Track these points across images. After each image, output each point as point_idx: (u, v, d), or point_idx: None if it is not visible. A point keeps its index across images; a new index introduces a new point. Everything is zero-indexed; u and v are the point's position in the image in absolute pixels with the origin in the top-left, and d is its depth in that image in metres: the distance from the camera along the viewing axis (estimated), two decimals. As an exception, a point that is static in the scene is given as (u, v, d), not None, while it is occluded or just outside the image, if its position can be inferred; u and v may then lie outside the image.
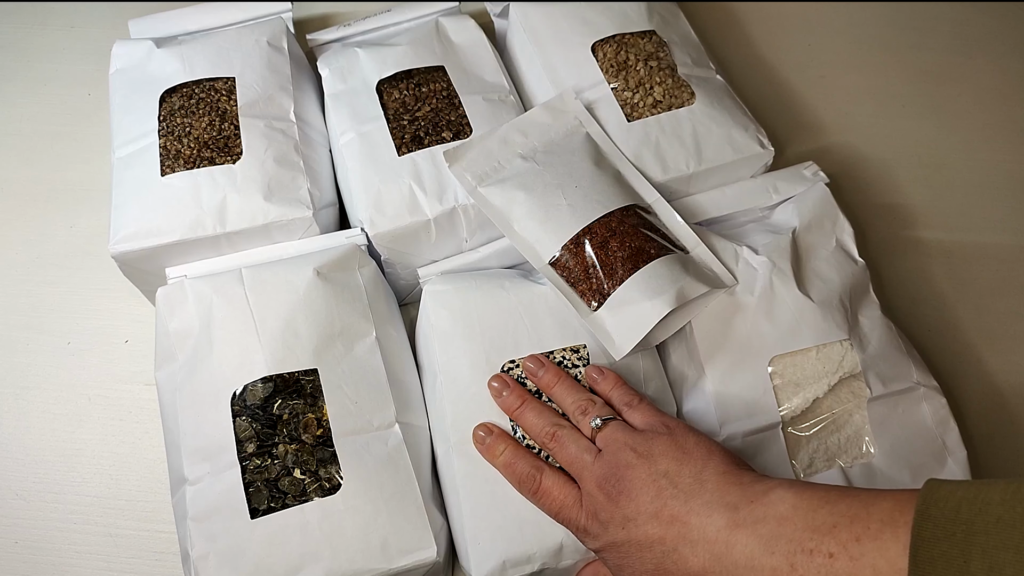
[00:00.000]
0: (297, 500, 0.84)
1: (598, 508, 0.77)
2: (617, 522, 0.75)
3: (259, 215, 0.99)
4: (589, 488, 0.79)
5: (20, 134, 1.32)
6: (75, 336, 1.13)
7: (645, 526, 0.73)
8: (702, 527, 0.70)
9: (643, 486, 0.75)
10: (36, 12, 1.45)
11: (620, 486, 0.76)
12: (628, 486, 0.76)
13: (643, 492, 0.75)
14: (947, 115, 1.32)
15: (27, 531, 1.00)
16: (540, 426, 0.86)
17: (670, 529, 0.72)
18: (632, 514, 0.74)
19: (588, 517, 0.78)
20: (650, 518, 0.73)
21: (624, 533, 0.74)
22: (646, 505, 0.74)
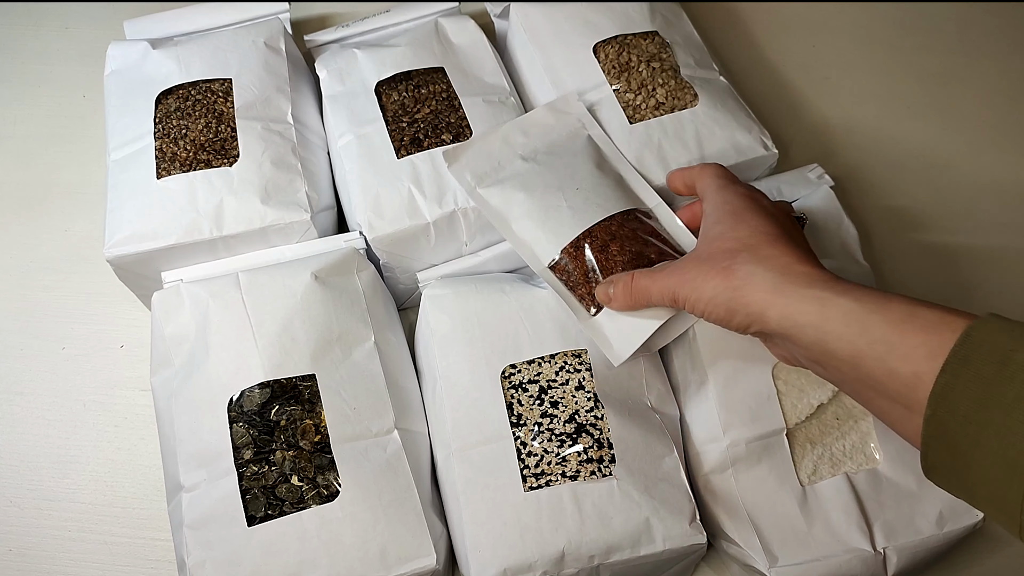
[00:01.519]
0: (295, 507, 0.84)
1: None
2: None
3: (256, 218, 0.99)
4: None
5: (14, 137, 1.32)
6: (70, 341, 1.13)
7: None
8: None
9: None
10: (30, 13, 1.45)
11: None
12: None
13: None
14: (953, 117, 1.32)
15: (21, 539, 1.00)
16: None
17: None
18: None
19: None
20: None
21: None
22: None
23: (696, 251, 0.83)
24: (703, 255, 0.81)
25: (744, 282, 0.75)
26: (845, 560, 0.85)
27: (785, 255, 0.75)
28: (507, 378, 0.91)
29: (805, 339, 0.70)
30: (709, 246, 0.81)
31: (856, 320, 0.67)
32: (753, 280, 0.74)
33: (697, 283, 0.78)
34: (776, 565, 0.85)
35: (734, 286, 0.75)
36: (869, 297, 0.68)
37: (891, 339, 0.65)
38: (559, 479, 0.86)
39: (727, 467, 0.89)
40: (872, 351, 0.66)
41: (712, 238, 0.82)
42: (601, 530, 0.84)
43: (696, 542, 0.85)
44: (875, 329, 0.66)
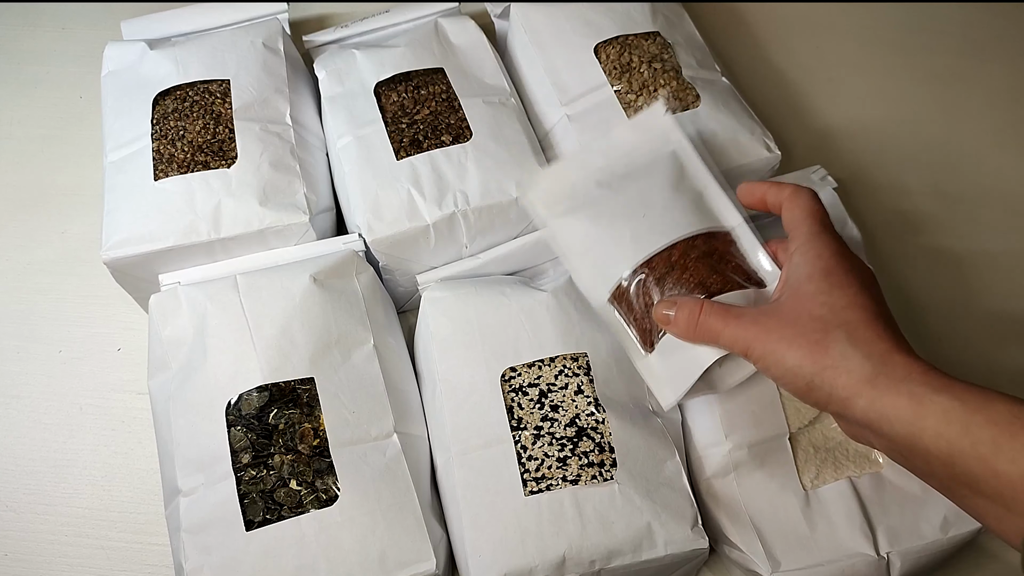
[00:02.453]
0: (293, 512, 0.84)
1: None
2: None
3: (254, 220, 0.99)
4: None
5: (10, 138, 1.32)
6: (66, 344, 1.13)
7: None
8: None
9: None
10: (26, 13, 1.45)
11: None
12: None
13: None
14: (959, 119, 1.32)
15: (17, 543, 1.00)
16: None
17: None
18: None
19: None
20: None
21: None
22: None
23: (782, 306, 0.78)
24: (790, 316, 0.75)
25: (836, 363, 0.70)
26: (848, 565, 0.85)
27: (883, 340, 0.71)
28: (507, 381, 0.91)
29: (892, 432, 0.67)
30: (798, 305, 0.76)
31: (957, 420, 0.64)
32: (847, 364, 0.70)
33: (780, 347, 0.74)
34: (779, 570, 0.85)
35: (824, 365, 0.71)
36: (970, 395, 0.65)
37: (998, 440, 0.62)
38: (560, 483, 0.86)
39: (729, 471, 0.89)
40: (975, 451, 0.63)
41: (802, 296, 0.76)
42: (602, 535, 0.84)
43: (698, 547, 0.85)
44: (979, 430, 0.63)
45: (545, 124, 1.14)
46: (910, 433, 0.66)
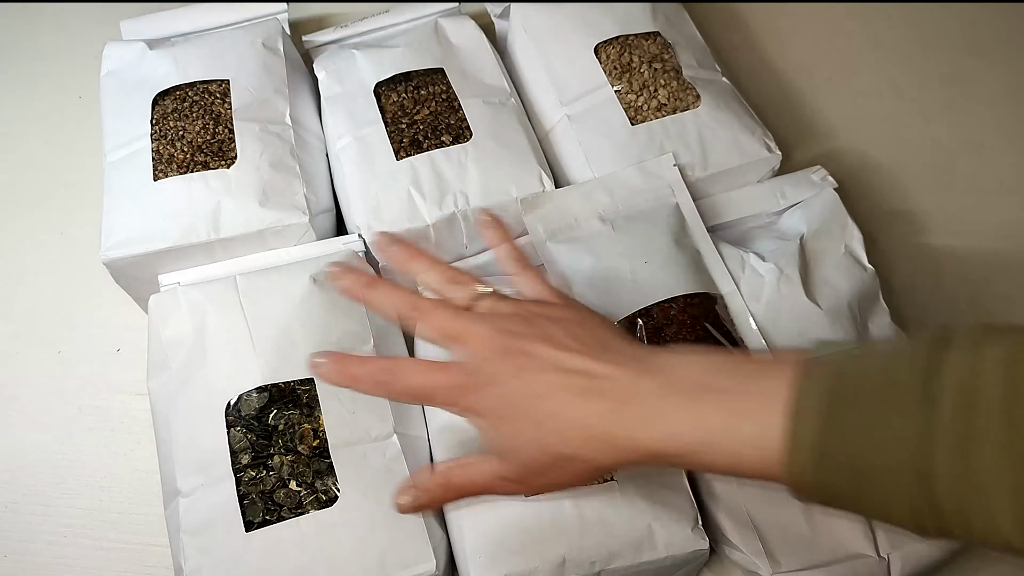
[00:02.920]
0: (293, 513, 0.84)
1: (486, 361, 0.71)
2: (507, 373, 0.70)
3: (254, 221, 0.99)
4: (475, 348, 0.72)
5: (9, 137, 1.32)
6: (65, 345, 1.13)
7: (543, 373, 0.69)
8: (615, 376, 0.68)
9: (538, 337, 0.71)
10: (25, 13, 1.45)
11: (510, 339, 0.71)
12: (519, 337, 0.71)
13: (539, 341, 0.71)
14: (958, 118, 1.32)
15: (16, 544, 1.00)
16: (398, 298, 0.77)
17: (576, 377, 0.69)
18: (526, 364, 0.70)
19: (467, 376, 0.72)
20: (550, 369, 0.69)
21: (516, 382, 0.70)
22: (545, 356, 0.70)
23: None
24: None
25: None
26: (849, 566, 0.85)
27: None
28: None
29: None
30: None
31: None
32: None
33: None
34: (779, 570, 0.85)
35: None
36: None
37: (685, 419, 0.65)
38: (560, 484, 0.86)
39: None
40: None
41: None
42: (603, 536, 0.84)
43: (698, 548, 0.85)
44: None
45: (545, 124, 1.14)
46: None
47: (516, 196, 1.01)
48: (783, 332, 0.93)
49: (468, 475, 0.74)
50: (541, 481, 0.72)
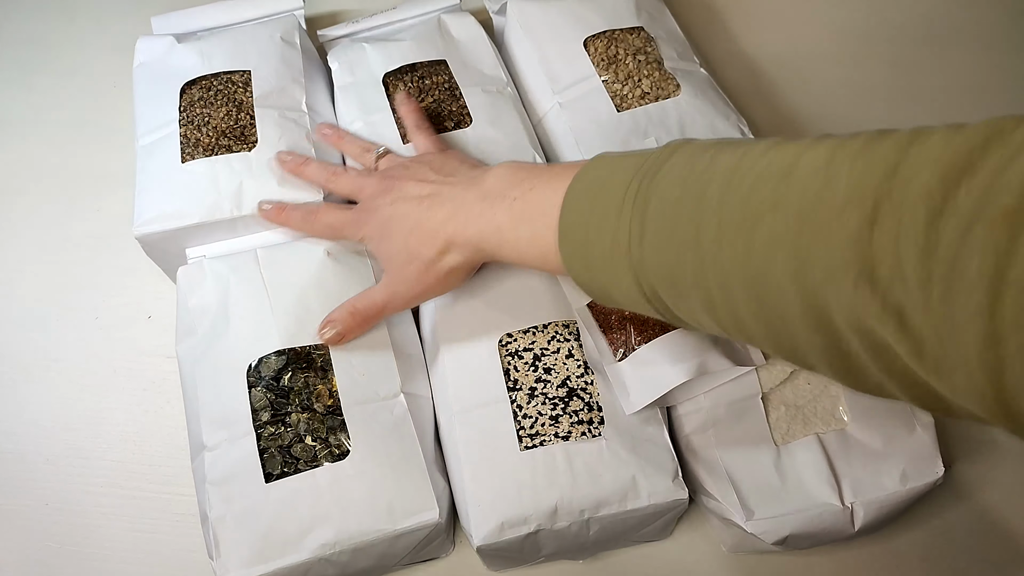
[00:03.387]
0: (309, 465, 0.84)
1: (372, 200, 0.91)
2: (385, 204, 0.89)
3: (273, 199, 0.99)
4: (367, 194, 0.94)
5: (49, 123, 1.31)
6: (102, 312, 1.13)
7: (407, 200, 0.87)
8: (451, 192, 0.85)
9: (409, 176, 0.90)
10: (64, 8, 1.44)
11: (389, 182, 0.91)
12: (396, 179, 0.91)
13: (408, 179, 0.89)
14: (921, 106, 1.31)
15: (56, 493, 1.00)
16: (321, 169, 0.99)
17: (427, 198, 0.86)
18: (398, 196, 0.88)
19: (361, 212, 0.93)
20: (412, 197, 0.87)
21: (390, 209, 0.88)
22: (410, 188, 0.88)
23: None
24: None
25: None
26: (816, 514, 0.85)
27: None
28: (504, 346, 0.91)
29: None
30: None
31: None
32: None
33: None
34: (752, 518, 0.85)
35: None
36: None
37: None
38: (552, 439, 0.85)
39: (707, 428, 0.89)
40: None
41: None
42: (591, 486, 0.83)
43: (678, 497, 0.85)
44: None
45: (539, 111, 1.13)
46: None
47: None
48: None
49: (368, 298, 0.90)
50: (413, 285, 0.87)
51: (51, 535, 0.98)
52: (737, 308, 0.57)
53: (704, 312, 0.61)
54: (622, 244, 0.64)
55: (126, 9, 1.44)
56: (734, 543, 0.93)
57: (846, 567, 0.95)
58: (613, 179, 0.67)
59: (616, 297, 0.69)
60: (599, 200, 0.67)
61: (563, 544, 0.88)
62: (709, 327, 0.63)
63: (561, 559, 0.95)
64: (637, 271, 0.64)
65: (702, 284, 0.59)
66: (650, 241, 0.62)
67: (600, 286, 0.70)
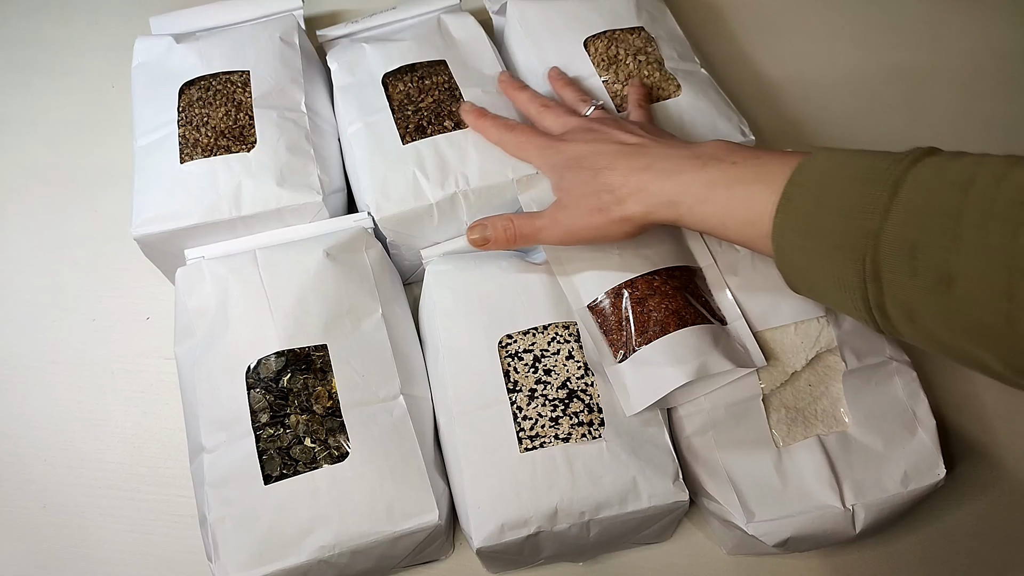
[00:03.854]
0: (308, 467, 0.84)
1: (574, 133, 0.95)
2: (586, 140, 0.92)
3: (272, 200, 0.99)
4: (570, 127, 0.97)
5: (48, 123, 1.31)
6: (99, 313, 1.13)
7: (610, 142, 0.89)
8: (659, 148, 0.86)
9: (617, 126, 0.92)
10: (62, 8, 1.45)
11: (597, 124, 0.94)
12: (604, 124, 0.93)
13: (617, 128, 0.92)
14: (918, 109, 1.32)
15: (54, 495, 1.00)
16: (533, 99, 1.04)
17: (632, 146, 0.88)
18: (601, 136, 0.91)
19: (557, 141, 0.95)
20: (615, 141, 0.89)
21: (590, 145, 0.90)
22: (616, 134, 0.90)
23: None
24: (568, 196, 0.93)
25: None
26: (817, 516, 0.85)
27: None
28: (504, 347, 0.91)
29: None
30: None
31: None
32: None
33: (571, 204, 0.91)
34: (753, 520, 0.85)
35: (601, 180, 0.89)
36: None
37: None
38: (553, 441, 0.85)
39: (708, 430, 0.89)
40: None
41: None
42: (591, 488, 0.83)
43: (679, 499, 0.85)
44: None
45: (539, 111, 1.13)
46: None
47: (512, 177, 1.01)
48: (757, 303, 0.93)
49: (527, 217, 0.93)
50: (582, 220, 0.88)
51: (49, 537, 0.98)
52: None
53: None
54: (859, 222, 0.64)
55: (124, 9, 1.44)
56: (735, 545, 0.93)
57: (847, 569, 0.95)
58: (852, 164, 0.68)
59: (820, 284, 0.70)
60: (836, 178, 0.68)
61: (563, 546, 0.88)
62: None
63: (561, 561, 0.95)
64: (875, 244, 0.63)
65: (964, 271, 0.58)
66: (899, 216, 0.62)
67: (810, 263, 0.70)
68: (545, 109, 1.01)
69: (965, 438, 1.02)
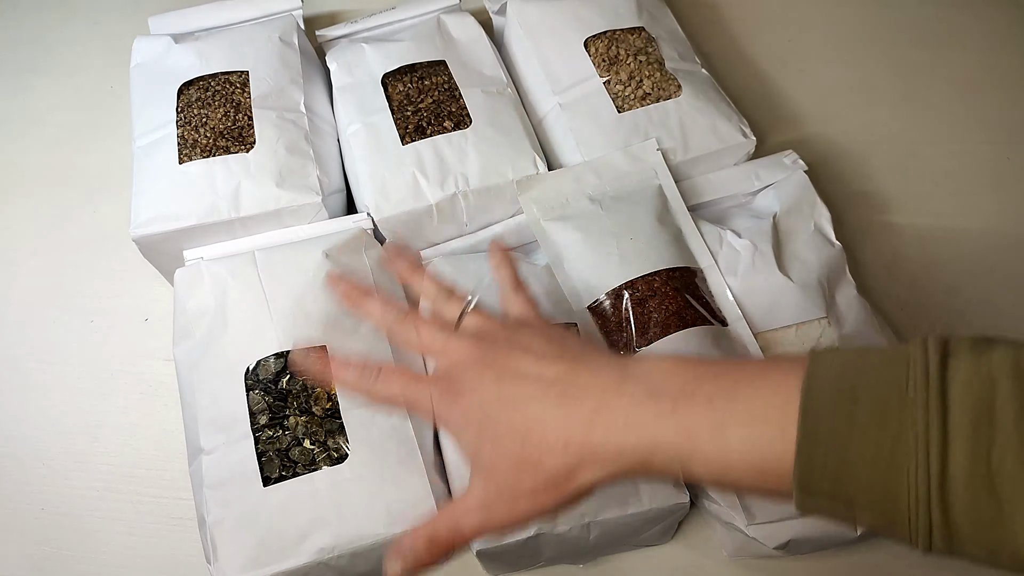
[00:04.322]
0: (307, 469, 0.84)
1: (464, 370, 0.68)
2: (485, 381, 0.66)
3: (271, 201, 0.99)
4: (455, 358, 0.69)
5: (46, 124, 1.31)
6: (98, 315, 1.13)
7: (521, 381, 0.64)
8: (590, 380, 0.63)
9: (517, 345, 0.68)
10: (61, 8, 1.45)
11: (489, 348, 0.68)
12: (498, 346, 0.68)
13: (518, 349, 0.67)
14: (919, 107, 1.32)
15: (52, 498, 1.00)
16: (389, 311, 0.75)
17: (553, 385, 0.63)
18: (504, 371, 0.65)
19: (446, 386, 0.68)
20: (528, 378, 0.64)
21: (493, 388, 0.65)
22: (523, 364, 0.65)
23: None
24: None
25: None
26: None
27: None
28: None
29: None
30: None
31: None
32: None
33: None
34: (754, 522, 0.85)
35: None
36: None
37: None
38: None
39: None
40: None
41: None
42: (591, 490, 0.83)
43: (679, 501, 0.85)
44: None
45: (539, 112, 1.13)
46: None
47: (512, 178, 1.01)
48: (757, 303, 0.93)
49: (453, 520, 0.66)
50: (522, 506, 0.63)
51: (47, 539, 0.97)
52: None
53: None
54: (933, 457, 0.50)
55: (123, 9, 1.44)
56: (735, 547, 0.93)
57: (848, 572, 0.95)
58: (869, 377, 0.54)
59: (889, 518, 0.52)
60: (861, 403, 0.53)
61: (563, 548, 0.88)
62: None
63: (561, 563, 0.94)
64: (957, 494, 0.50)
65: None
66: (1003, 460, 0.49)
67: (848, 504, 0.53)
68: (406, 322, 0.74)
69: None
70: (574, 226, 0.97)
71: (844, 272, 0.98)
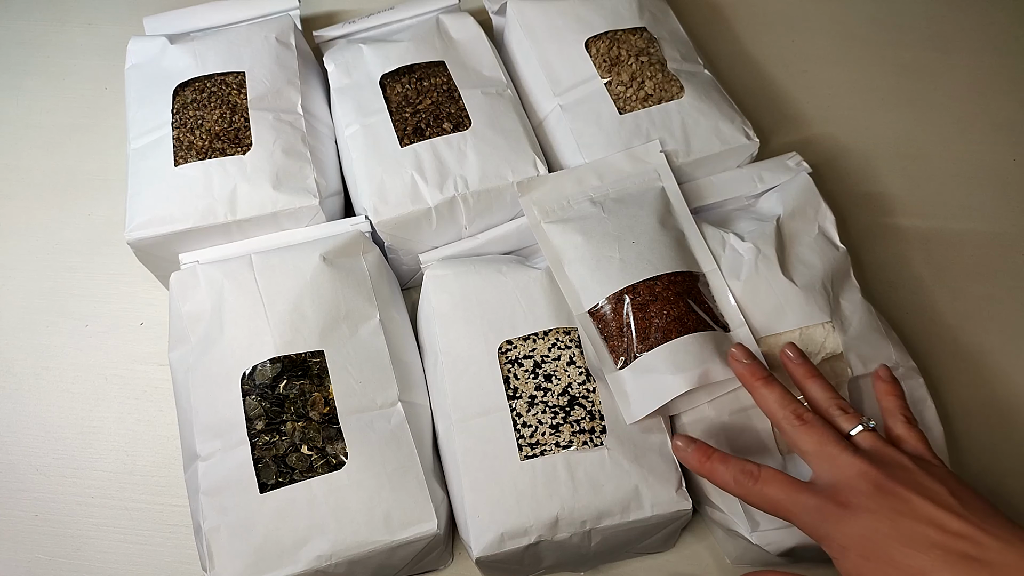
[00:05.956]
0: (304, 475, 0.84)
1: (858, 490, 0.68)
2: (882, 511, 0.66)
3: (268, 203, 0.99)
4: (848, 474, 0.69)
5: (40, 126, 1.31)
6: (93, 319, 1.13)
7: (925, 529, 0.64)
8: (1003, 559, 0.61)
9: (920, 490, 0.66)
10: (55, 9, 1.45)
11: (889, 479, 0.67)
12: (899, 483, 0.67)
13: (921, 495, 0.66)
14: (924, 108, 1.32)
15: (47, 505, 1.00)
16: (786, 402, 0.77)
17: (964, 557, 0.62)
18: (907, 509, 0.65)
19: (837, 502, 0.68)
20: (933, 528, 0.64)
21: (889, 524, 0.65)
22: (928, 511, 0.65)
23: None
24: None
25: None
26: (822, 524, 0.85)
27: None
28: (504, 353, 0.91)
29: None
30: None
31: None
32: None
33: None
34: (757, 530, 0.85)
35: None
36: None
37: None
38: (553, 448, 0.86)
39: (711, 437, 0.89)
40: None
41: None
42: (593, 497, 0.83)
43: (682, 508, 0.85)
44: None
45: (539, 113, 1.13)
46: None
47: (512, 180, 1.01)
48: (761, 307, 0.93)
49: None
50: None
51: (42, 547, 0.98)
52: None
53: None
54: None
55: (118, 10, 1.44)
56: (738, 555, 0.93)
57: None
58: None
59: None
60: None
61: (564, 555, 0.88)
62: None
63: (562, 571, 0.94)
64: None
65: None
66: None
67: None
68: (802, 425, 0.75)
69: (974, 445, 1.02)
70: (575, 229, 0.97)
71: (848, 275, 0.98)
